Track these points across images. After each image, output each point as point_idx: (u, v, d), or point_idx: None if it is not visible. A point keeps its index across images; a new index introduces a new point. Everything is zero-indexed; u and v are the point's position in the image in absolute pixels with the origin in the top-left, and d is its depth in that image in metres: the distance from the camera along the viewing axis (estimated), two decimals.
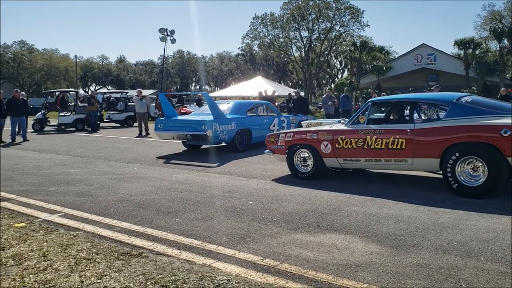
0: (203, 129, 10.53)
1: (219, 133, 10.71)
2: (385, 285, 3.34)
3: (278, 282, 3.44)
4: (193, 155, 11.21)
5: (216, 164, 9.44)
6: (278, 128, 12.48)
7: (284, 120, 13.12)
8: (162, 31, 33.41)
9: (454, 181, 6.07)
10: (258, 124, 12.15)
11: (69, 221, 5.30)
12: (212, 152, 11.34)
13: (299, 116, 14.09)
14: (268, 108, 13.51)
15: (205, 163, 9.66)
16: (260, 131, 11.93)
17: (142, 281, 3.48)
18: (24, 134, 15.57)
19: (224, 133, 10.87)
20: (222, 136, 10.87)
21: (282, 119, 13.02)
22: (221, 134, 10.79)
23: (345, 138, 7.10)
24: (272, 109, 13.51)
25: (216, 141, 10.91)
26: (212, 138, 10.54)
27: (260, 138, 11.79)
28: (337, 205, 5.79)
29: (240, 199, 6.25)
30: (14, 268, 3.79)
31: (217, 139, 10.83)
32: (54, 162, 10.12)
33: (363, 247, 4.21)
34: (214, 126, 10.54)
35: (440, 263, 3.74)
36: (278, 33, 46.78)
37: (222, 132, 10.82)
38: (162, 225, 5.07)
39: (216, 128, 10.59)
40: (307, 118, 13.75)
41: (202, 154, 11.17)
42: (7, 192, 6.93)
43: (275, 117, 12.79)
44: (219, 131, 10.71)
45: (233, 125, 11.15)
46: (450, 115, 6.34)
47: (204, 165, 9.41)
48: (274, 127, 12.44)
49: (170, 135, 11.38)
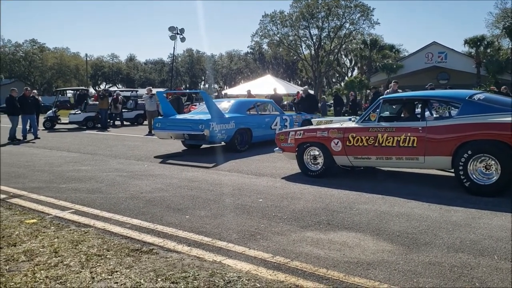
0: (200, 128, 10.26)
1: (217, 132, 10.42)
2: (397, 283, 3.31)
3: (288, 280, 3.42)
4: (201, 153, 11.22)
5: (225, 162, 9.43)
6: (280, 127, 12.22)
7: (287, 118, 12.80)
8: (171, 29, 33.52)
9: (466, 179, 6.00)
10: (259, 123, 11.85)
11: (80, 217, 5.33)
12: (220, 151, 11.31)
13: (303, 115, 13.81)
14: (271, 107, 13.25)
15: (212, 162, 9.65)
16: (261, 130, 11.73)
17: (152, 277, 3.48)
18: (35, 132, 15.70)
19: (222, 132, 10.58)
20: (221, 135, 10.59)
21: (285, 118, 12.72)
22: (219, 134, 10.51)
23: (355, 135, 7.06)
24: (275, 108, 13.23)
25: (214, 140, 10.66)
26: (209, 137, 10.30)
27: (261, 137, 11.72)
28: (347, 203, 5.76)
29: (250, 197, 6.24)
30: (25, 264, 3.81)
31: (215, 139, 10.57)
32: (65, 160, 10.18)
33: (374, 245, 4.18)
34: (212, 126, 10.26)
35: (453, 261, 3.70)
36: (287, 31, 46.72)
37: (221, 131, 10.52)
38: (172, 222, 5.08)
39: (214, 127, 10.30)
40: (311, 117, 13.43)
41: (211, 153, 11.17)
42: (18, 188, 6.98)
43: (277, 116, 12.46)
44: (217, 130, 10.42)
45: (232, 124, 10.84)
46: (463, 112, 6.27)
47: (212, 164, 9.40)
48: (276, 126, 12.18)
49: (168, 134, 11.13)
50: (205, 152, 11.39)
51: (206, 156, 10.39)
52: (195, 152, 11.47)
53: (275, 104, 13.76)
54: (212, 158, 10.09)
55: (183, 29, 34.16)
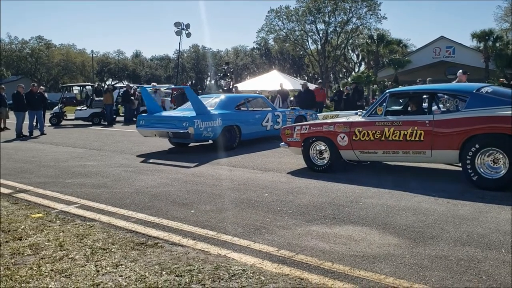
0: (185, 126, 9.76)
1: (202, 130, 9.87)
2: (403, 277, 3.28)
3: (293, 273, 3.40)
4: (206, 148, 11.19)
5: (229, 158, 9.41)
6: (272, 123, 11.76)
7: (279, 115, 12.16)
8: (177, 25, 33.47)
9: (473, 173, 5.95)
10: (249, 119, 11.26)
11: (85, 212, 5.34)
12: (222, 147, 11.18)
13: (297, 110, 13.20)
14: (262, 102, 12.72)
15: (217, 158, 9.64)
16: (251, 128, 11.21)
17: (157, 270, 3.48)
18: (42, 128, 15.76)
19: (208, 130, 10.03)
20: (206, 133, 10.04)
21: (277, 114, 12.10)
22: (204, 132, 9.95)
23: (362, 130, 7.01)
24: (267, 103, 12.72)
25: (199, 138, 10.17)
26: (194, 135, 9.80)
27: (251, 135, 11.28)
28: (353, 198, 5.72)
29: (255, 192, 6.22)
30: (31, 258, 3.83)
31: (201, 137, 10.04)
32: (70, 155, 10.21)
33: (380, 239, 4.15)
34: (197, 123, 9.74)
35: (460, 255, 3.66)
36: (293, 26, 46.64)
37: (206, 129, 9.97)
38: (177, 216, 5.07)
39: (198, 125, 9.77)
40: (305, 113, 13.04)
41: (216, 148, 11.10)
42: (24, 183, 7.01)
43: (268, 112, 11.87)
44: (203, 128, 9.87)
45: (218, 122, 10.28)
46: (470, 106, 6.21)
47: (214, 160, 9.39)
48: (267, 123, 11.67)
49: (151, 132, 10.60)
50: (214, 147, 11.34)
51: (212, 152, 10.35)
52: (201, 147, 11.44)
53: (266, 99, 13.34)
54: (216, 154, 10.06)
55: (188, 25, 34.10)
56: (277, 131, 11.65)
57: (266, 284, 3.22)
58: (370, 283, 3.21)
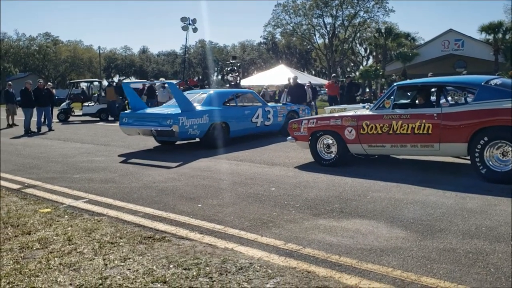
0: (169, 124, 9.24)
1: (187, 128, 9.41)
2: (410, 269, 3.27)
3: (300, 266, 3.40)
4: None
5: (236, 152, 9.41)
6: (263, 119, 11.30)
7: (270, 110, 11.62)
8: (184, 20, 33.45)
9: (482, 166, 5.90)
10: (237, 116, 10.76)
11: (93, 206, 5.37)
12: (231, 140, 11.13)
13: (288, 105, 12.74)
14: (252, 98, 12.24)
15: (234, 152, 9.64)
16: (240, 124, 10.73)
17: (165, 264, 3.50)
18: (50, 124, 15.84)
19: (194, 127, 9.54)
20: (192, 131, 9.57)
21: (267, 110, 11.55)
22: (190, 129, 9.49)
23: (370, 123, 6.97)
24: (257, 98, 12.15)
25: (185, 137, 9.70)
26: (179, 133, 9.29)
27: (240, 132, 10.87)
28: (361, 191, 5.70)
29: (262, 186, 6.21)
30: (40, 252, 3.86)
31: (186, 135, 9.58)
32: (78, 151, 10.26)
33: (388, 232, 4.13)
34: (182, 120, 9.24)
35: (468, 248, 3.64)
36: (300, 20, 46.37)
37: (192, 126, 9.50)
38: (184, 210, 5.08)
39: (183, 122, 9.29)
40: (298, 108, 12.68)
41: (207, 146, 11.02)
42: (33, 179, 7.05)
43: (258, 108, 11.34)
44: (188, 125, 9.40)
45: (205, 118, 9.79)
46: (479, 98, 6.15)
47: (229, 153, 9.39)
48: (258, 119, 11.18)
49: (135, 130, 10.12)
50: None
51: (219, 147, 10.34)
52: None
53: (257, 94, 12.91)
54: (223, 149, 10.06)
55: (195, 20, 34.09)
56: (268, 127, 11.58)
57: (273, 277, 3.22)
58: (378, 276, 3.20)
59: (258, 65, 76.97)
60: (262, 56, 79.63)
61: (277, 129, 11.94)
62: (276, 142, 10.65)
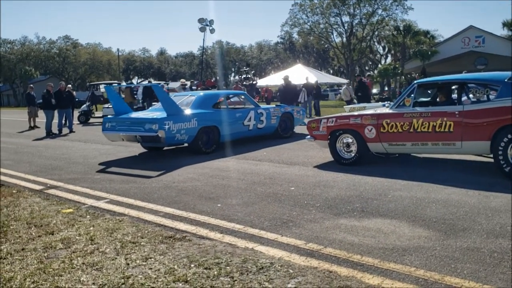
0: (154, 129, 8.60)
1: (174, 133, 8.78)
2: (433, 269, 3.22)
3: (322, 266, 3.38)
4: (232, 143, 11.17)
5: (255, 152, 9.40)
6: (255, 122, 10.70)
7: (263, 112, 10.96)
8: (201, 21, 33.57)
9: (506, 164, 5.79)
10: (228, 119, 10.06)
11: (114, 206, 5.42)
12: (249, 140, 11.12)
13: (282, 107, 11.99)
14: (244, 99, 11.74)
15: (253, 151, 9.64)
16: (231, 128, 10.05)
17: (186, 263, 3.51)
18: (71, 126, 16.06)
19: (182, 132, 8.92)
20: (180, 136, 8.93)
21: (260, 112, 10.90)
22: (177, 134, 8.86)
23: (390, 122, 6.89)
24: (249, 100, 11.55)
25: (172, 142, 9.07)
26: (166, 139, 8.66)
27: (232, 135, 10.17)
28: (382, 190, 5.64)
29: (282, 185, 6.20)
30: (63, 251, 3.91)
31: (174, 140, 8.96)
32: (99, 152, 10.38)
33: (410, 231, 4.08)
34: (168, 125, 8.64)
35: (493, 247, 3.57)
36: (318, 19, 46.10)
37: (179, 131, 8.88)
38: (204, 210, 5.10)
39: (170, 127, 8.68)
40: (292, 109, 12.05)
41: (239, 143, 11.08)
42: (55, 180, 7.16)
43: (250, 110, 10.72)
44: (175, 130, 8.78)
45: (193, 122, 9.16)
46: (502, 95, 6.03)
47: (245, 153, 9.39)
48: (250, 122, 10.58)
49: (119, 136, 9.44)
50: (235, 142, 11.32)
51: (238, 146, 10.34)
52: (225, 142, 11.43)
53: (249, 96, 12.21)
54: (242, 148, 10.06)
55: (212, 21, 34.15)
56: (261, 130, 11.03)
57: (294, 277, 3.21)
58: (400, 275, 3.16)
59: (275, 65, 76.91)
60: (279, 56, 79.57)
61: (271, 132, 11.33)
62: (295, 141, 10.61)
